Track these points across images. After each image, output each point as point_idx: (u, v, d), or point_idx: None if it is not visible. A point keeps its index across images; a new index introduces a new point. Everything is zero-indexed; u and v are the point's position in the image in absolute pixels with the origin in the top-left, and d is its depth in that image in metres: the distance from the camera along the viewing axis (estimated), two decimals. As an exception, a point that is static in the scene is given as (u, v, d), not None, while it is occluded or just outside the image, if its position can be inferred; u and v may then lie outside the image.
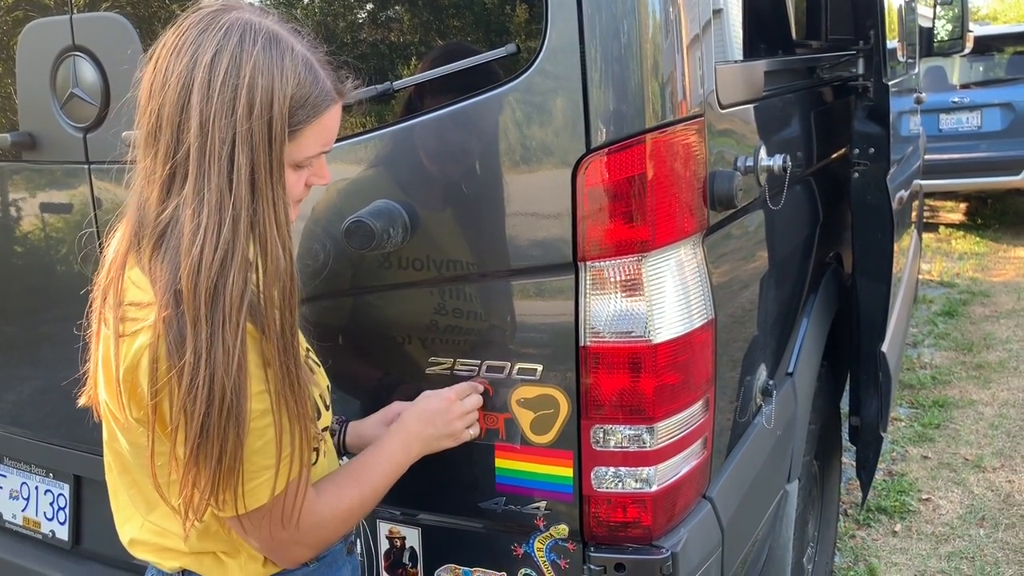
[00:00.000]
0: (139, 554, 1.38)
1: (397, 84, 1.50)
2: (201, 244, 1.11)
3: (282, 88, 1.15)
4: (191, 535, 1.26)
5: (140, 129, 1.19)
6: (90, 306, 1.26)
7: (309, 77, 1.18)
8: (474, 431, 1.52)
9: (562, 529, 1.54)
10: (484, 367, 1.53)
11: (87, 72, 1.82)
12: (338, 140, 1.57)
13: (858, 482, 3.03)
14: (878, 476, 3.69)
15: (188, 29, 1.16)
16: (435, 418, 1.47)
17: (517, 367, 1.50)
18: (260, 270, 1.15)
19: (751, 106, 1.79)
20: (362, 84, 1.27)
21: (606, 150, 1.38)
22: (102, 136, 1.84)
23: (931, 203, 9.33)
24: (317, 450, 1.35)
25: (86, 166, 1.88)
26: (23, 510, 2.30)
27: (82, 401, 1.32)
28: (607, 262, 1.42)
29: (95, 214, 1.90)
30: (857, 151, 2.39)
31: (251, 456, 1.16)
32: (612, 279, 1.42)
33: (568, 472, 1.51)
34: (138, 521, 1.36)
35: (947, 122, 7.90)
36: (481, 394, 1.52)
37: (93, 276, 1.27)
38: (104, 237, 1.30)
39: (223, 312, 1.11)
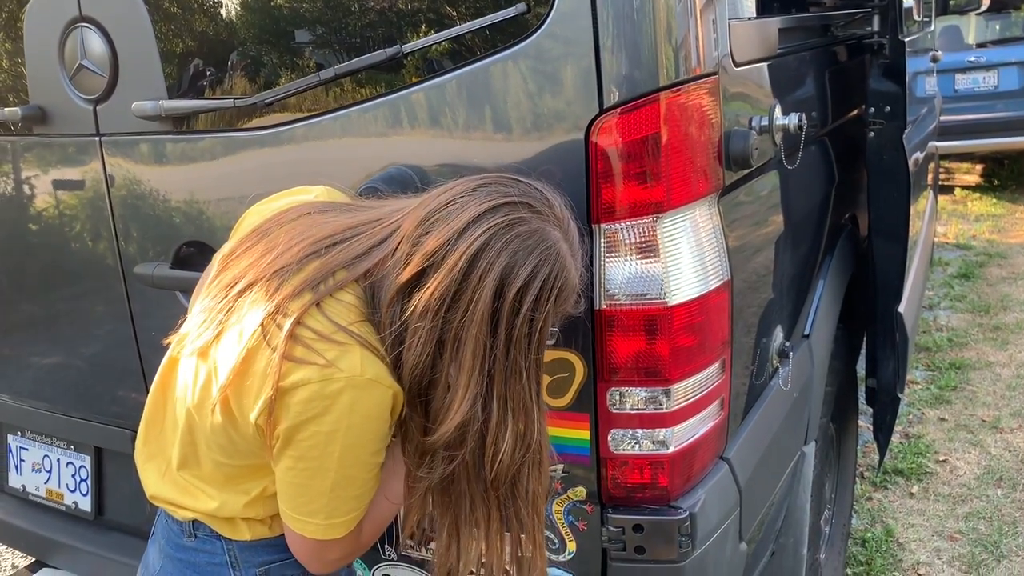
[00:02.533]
0: (156, 502, 1.42)
1: (407, 47, 1.49)
2: (505, 447, 1.22)
3: (553, 325, 1.26)
4: (224, 505, 1.33)
5: (432, 276, 1.18)
6: (229, 284, 1.28)
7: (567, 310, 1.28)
8: None
9: (580, 491, 1.55)
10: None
11: (95, 43, 1.81)
12: (348, 106, 1.57)
13: (875, 444, 3.02)
14: (895, 438, 3.69)
15: (508, 230, 1.18)
16: None
17: (532, 331, 1.50)
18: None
19: (765, 64, 1.76)
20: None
21: (619, 110, 1.37)
22: (112, 107, 1.83)
23: (947, 165, 9.22)
24: None
25: (97, 138, 1.88)
26: (46, 482, 2.33)
27: (168, 341, 1.36)
28: (622, 224, 1.41)
29: (107, 187, 1.90)
30: (873, 110, 2.35)
31: (347, 499, 1.25)
32: (627, 241, 1.41)
33: (585, 435, 1.51)
34: (163, 467, 1.39)
35: (963, 82, 7.77)
36: None
37: (226, 254, 1.31)
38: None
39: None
